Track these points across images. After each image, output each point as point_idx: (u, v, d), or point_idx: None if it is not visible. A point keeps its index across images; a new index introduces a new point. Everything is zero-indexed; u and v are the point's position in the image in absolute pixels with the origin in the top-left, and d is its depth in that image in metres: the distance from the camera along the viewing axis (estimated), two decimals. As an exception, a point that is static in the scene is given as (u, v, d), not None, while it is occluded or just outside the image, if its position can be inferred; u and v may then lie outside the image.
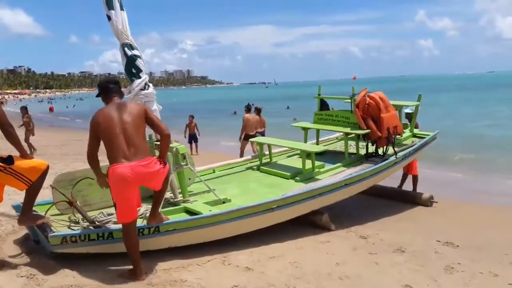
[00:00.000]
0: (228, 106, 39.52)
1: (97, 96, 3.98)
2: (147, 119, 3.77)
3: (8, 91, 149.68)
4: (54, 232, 3.88)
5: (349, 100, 6.44)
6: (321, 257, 4.42)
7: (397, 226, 5.74)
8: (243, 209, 4.56)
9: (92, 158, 3.79)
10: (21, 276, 3.60)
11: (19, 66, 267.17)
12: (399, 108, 6.69)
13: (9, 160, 3.57)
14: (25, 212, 3.77)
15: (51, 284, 3.49)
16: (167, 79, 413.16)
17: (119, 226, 4.02)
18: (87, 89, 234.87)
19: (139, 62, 4.65)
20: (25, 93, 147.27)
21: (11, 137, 3.59)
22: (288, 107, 37.32)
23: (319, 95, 7.12)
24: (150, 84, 4.76)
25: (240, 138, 10.79)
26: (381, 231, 5.36)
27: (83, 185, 4.58)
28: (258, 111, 11.06)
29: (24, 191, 3.70)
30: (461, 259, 4.44)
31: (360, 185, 5.70)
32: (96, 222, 4.18)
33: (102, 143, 3.73)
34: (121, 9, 4.68)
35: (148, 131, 4.69)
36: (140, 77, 4.64)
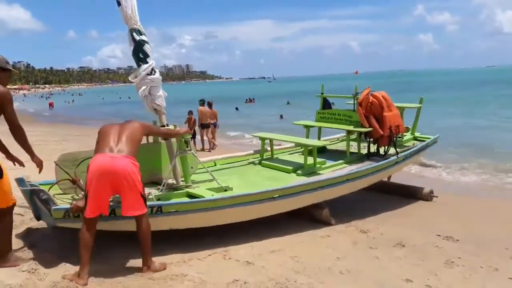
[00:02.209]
0: (231, 102, 39.03)
1: None
2: (150, 131, 4.36)
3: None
4: (57, 206, 3.87)
5: (352, 101, 6.45)
6: (321, 252, 4.43)
7: (397, 220, 5.75)
8: (245, 196, 4.57)
9: None
10: (23, 271, 3.61)
11: (18, 62, 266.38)
12: (401, 110, 6.70)
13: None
14: (2, 253, 3.68)
15: (52, 278, 3.50)
16: (166, 74, 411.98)
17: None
18: (86, 84, 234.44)
19: (146, 48, 4.72)
20: (24, 89, 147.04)
21: (19, 139, 3.63)
22: (288, 103, 37.29)
23: (322, 93, 7.12)
24: (157, 70, 4.82)
25: (199, 126, 13.30)
26: (381, 226, 5.37)
27: (86, 166, 4.56)
28: (209, 105, 13.54)
29: None
30: (461, 254, 4.45)
31: (361, 182, 5.71)
32: None
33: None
34: None
35: (154, 117, 4.91)
36: (147, 62, 4.70)
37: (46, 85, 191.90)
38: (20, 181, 4.17)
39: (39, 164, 3.93)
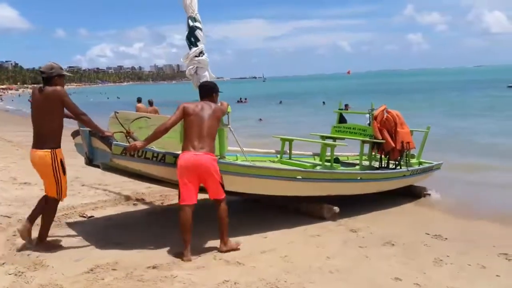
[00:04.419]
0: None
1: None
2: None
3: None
4: (118, 142, 4.11)
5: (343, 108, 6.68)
6: (311, 251, 4.44)
7: (387, 219, 5.79)
8: (273, 169, 5.08)
9: (166, 130, 4.22)
10: (9, 274, 3.58)
11: (6, 61, 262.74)
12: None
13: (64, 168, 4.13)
14: (42, 238, 4.18)
15: (40, 281, 3.47)
16: (156, 74, 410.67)
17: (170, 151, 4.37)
18: (76, 84, 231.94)
19: (198, 33, 5.18)
20: (12, 88, 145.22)
21: (86, 124, 4.15)
22: (280, 102, 37.39)
23: (339, 109, 7.43)
24: (205, 53, 5.22)
25: None
26: (371, 225, 5.40)
27: (135, 127, 4.82)
28: (150, 103, 13.87)
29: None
30: (449, 252, 4.49)
31: (372, 184, 5.96)
32: None
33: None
34: None
35: None
36: (197, 46, 5.15)
37: (35, 85, 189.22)
38: (80, 125, 4.46)
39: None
